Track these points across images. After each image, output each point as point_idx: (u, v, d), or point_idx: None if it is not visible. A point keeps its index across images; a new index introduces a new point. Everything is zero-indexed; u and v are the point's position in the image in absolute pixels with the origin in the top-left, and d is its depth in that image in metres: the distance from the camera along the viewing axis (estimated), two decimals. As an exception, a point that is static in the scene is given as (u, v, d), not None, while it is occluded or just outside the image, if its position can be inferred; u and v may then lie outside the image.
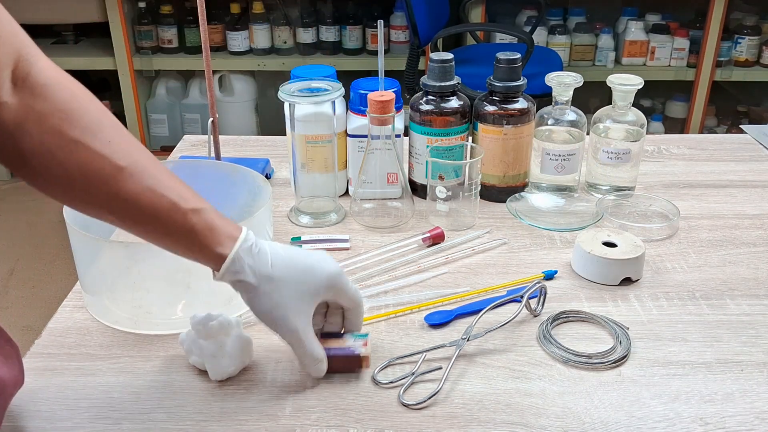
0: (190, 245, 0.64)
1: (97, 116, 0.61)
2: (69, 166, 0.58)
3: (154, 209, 0.61)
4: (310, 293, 0.68)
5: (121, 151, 0.60)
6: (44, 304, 2.12)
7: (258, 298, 0.66)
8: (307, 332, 0.68)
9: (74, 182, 0.59)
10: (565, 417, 0.66)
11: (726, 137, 1.36)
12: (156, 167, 0.62)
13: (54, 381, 0.71)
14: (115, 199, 0.60)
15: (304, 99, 0.94)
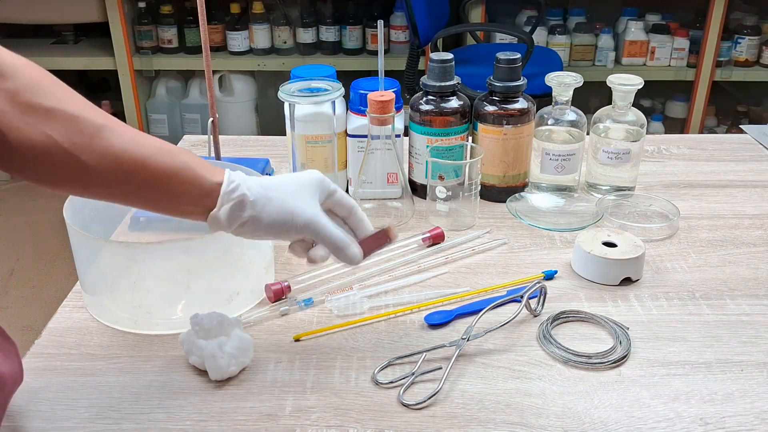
0: (180, 185, 0.63)
1: (65, 90, 0.61)
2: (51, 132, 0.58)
3: (142, 157, 0.61)
4: (308, 188, 0.69)
5: (96, 114, 0.61)
6: (44, 304, 2.12)
7: (261, 209, 0.65)
8: (323, 218, 0.68)
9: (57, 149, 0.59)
10: (565, 417, 0.66)
11: (726, 137, 1.36)
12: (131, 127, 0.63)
13: (54, 381, 0.71)
14: (101, 157, 0.60)
15: (304, 99, 0.94)
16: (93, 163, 0.60)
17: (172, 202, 0.65)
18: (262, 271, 0.84)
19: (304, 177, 0.70)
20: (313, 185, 0.69)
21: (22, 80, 0.59)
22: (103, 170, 0.61)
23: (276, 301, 0.83)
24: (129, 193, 0.64)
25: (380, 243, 0.73)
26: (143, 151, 0.61)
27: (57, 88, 0.61)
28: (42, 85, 0.60)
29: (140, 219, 0.95)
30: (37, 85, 0.59)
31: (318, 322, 0.80)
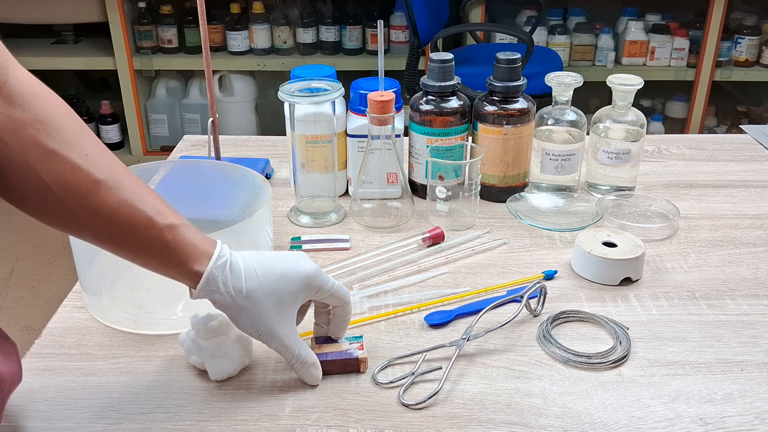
0: (166, 262, 0.63)
1: (75, 128, 0.60)
2: (46, 178, 0.58)
3: (131, 224, 0.60)
4: (288, 300, 0.67)
5: (98, 164, 0.59)
6: (44, 304, 2.12)
7: (237, 314, 0.65)
8: (292, 338, 0.67)
9: (50, 195, 0.58)
10: (565, 417, 0.66)
11: (726, 137, 1.36)
12: (133, 182, 0.62)
13: (54, 381, 0.71)
14: (91, 213, 0.59)
15: (304, 99, 0.94)
16: (78, 218, 0.60)
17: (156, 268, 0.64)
18: (262, 271, 0.84)
19: (290, 280, 0.66)
20: (297, 291, 0.67)
21: (32, 113, 0.58)
22: (87, 226, 0.61)
23: (276, 301, 0.83)
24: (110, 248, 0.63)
25: (348, 370, 0.72)
26: (133, 218, 0.60)
27: (66, 127, 0.59)
28: (52, 123, 0.58)
29: (140, 219, 0.95)
30: (46, 122, 0.58)
31: (318, 322, 0.80)
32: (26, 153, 0.57)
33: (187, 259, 0.63)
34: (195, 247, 0.63)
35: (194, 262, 0.63)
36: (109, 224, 0.60)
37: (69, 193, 0.58)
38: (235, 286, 0.64)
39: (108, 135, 2.96)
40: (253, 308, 0.65)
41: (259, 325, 0.65)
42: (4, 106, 0.57)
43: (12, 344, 0.64)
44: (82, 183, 0.58)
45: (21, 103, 0.57)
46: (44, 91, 0.60)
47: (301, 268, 0.67)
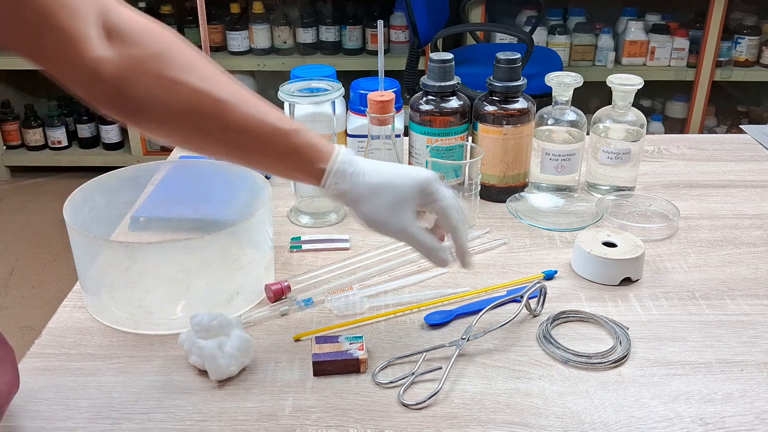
0: (294, 163, 0.69)
1: (189, 56, 0.64)
2: (174, 106, 0.62)
3: (258, 134, 0.66)
4: (405, 195, 0.70)
5: (218, 85, 0.64)
6: (44, 304, 2.12)
7: (359, 205, 0.70)
8: (413, 228, 0.71)
9: (179, 120, 0.64)
10: (565, 417, 0.66)
11: (726, 137, 1.36)
12: (251, 96, 0.66)
13: (54, 381, 0.71)
14: (220, 131, 0.65)
15: (304, 99, 0.94)
16: (213, 135, 0.65)
17: (285, 175, 0.72)
18: (262, 271, 0.84)
19: (406, 185, 0.71)
20: (411, 191, 0.71)
21: (146, 48, 0.61)
22: (220, 142, 0.66)
23: (276, 301, 0.83)
24: (240, 159, 0.70)
25: (348, 371, 0.72)
26: (259, 129, 0.66)
27: (181, 56, 0.63)
28: (167, 54, 0.62)
29: (140, 219, 0.95)
30: (161, 54, 0.62)
31: (318, 322, 0.80)
32: (150, 86, 0.61)
33: (312, 159, 0.69)
34: (318, 147, 0.69)
35: (319, 160, 0.69)
36: (238, 138, 0.66)
37: (197, 115, 0.63)
38: (357, 179, 0.69)
39: (108, 135, 2.96)
40: (374, 198, 0.70)
41: (378, 215, 0.70)
42: (120, 46, 0.60)
43: (8, 351, 0.64)
44: (208, 104, 0.63)
45: (134, 40, 0.61)
46: (153, 25, 0.64)
47: (418, 171, 0.72)
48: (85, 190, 0.84)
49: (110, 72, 0.60)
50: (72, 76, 0.60)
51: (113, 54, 0.60)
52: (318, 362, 0.71)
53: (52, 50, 0.58)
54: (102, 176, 0.87)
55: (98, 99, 0.62)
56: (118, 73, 0.60)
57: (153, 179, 0.96)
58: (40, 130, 2.93)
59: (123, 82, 0.60)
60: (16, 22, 0.55)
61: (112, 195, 0.89)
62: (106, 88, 0.60)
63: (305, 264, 0.91)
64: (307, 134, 0.69)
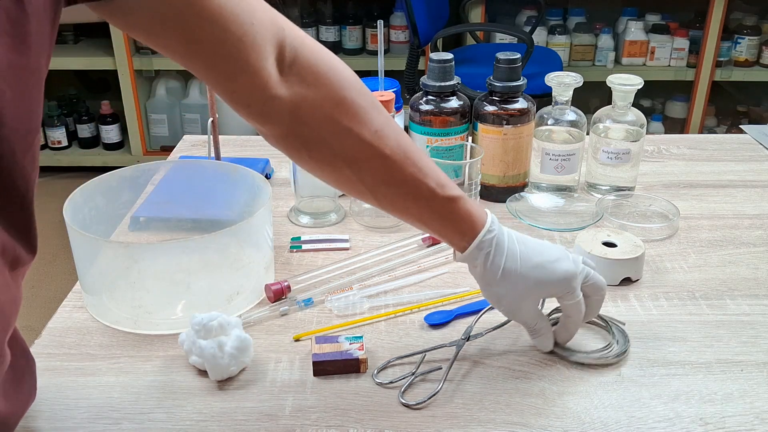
0: (443, 230, 0.69)
1: (364, 104, 0.64)
2: (339, 153, 0.64)
3: (415, 195, 0.66)
4: (538, 290, 0.70)
5: (387, 140, 0.64)
6: (44, 304, 2.11)
7: (486, 287, 0.69)
8: (533, 318, 0.71)
9: (343, 167, 0.65)
10: (565, 417, 0.66)
11: (726, 137, 1.36)
12: (417, 156, 0.66)
13: (54, 381, 0.71)
14: (380, 185, 0.66)
15: (304, 99, 0.94)
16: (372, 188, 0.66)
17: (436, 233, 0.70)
18: (262, 271, 0.84)
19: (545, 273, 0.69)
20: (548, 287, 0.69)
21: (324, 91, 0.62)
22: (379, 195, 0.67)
23: (276, 301, 0.83)
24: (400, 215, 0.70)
25: (347, 369, 0.72)
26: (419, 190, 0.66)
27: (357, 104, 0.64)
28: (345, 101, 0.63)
29: (140, 219, 0.95)
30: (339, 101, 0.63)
31: (318, 322, 0.80)
32: (322, 129, 0.63)
33: (463, 231, 0.68)
34: (469, 219, 0.68)
35: (466, 234, 0.68)
36: (396, 194, 0.67)
37: (361, 167, 0.65)
38: (495, 263, 0.68)
39: (108, 135, 2.96)
40: (501, 288, 0.69)
41: (504, 303, 0.70)
42: (298, 86, 0.61)
43: (31, 361, 0.64)
44: (373, 159, 0.64)
45: (314, 81, 0.62)
46: (334, 63, 0.64)
47: (561, 267, 0.69)
48: (85, 190, 0.84)
49: (285, 112, 0.61)
50: (251, 112, 0.62)
51: (286, 92, 0.61)
52: (318, 362, 0.71)
53: (239, 87, 0.59)
54: (102, 176, 0.87)
55: (272, 135, 0.64)
56: (292, 113, 0.61)
57: (153, 179, 0.96)
58: (40, 130, 2.93)
59: (296, 122, 0.62)
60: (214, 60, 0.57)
61: (112, 195, 0.89)
62: (280, 126, 0.62)
63: (305, 264, 0.91)
64: (464, 205, 0.67)
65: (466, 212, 0.67)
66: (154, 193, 0.96)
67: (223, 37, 0.56)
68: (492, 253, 0.67)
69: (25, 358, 0.63)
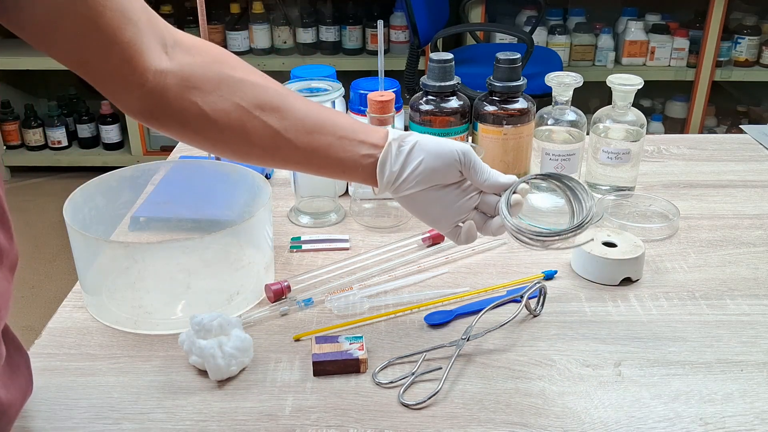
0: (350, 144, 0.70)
1: (244, 63, 0.69)
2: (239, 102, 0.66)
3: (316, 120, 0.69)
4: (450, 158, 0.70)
5: (275, 83, 0.69)
6: (44, 304, 2.12)
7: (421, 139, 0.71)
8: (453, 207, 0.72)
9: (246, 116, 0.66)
10: (565, 417, 0.66)
11: (726, 137, 1.36)
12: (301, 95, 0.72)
13: (54, 381, 0.71)
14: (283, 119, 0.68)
15: (304, 99, 0.94)
16: (273, 128, 0.67)
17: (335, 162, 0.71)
18: (262, 271, 0.84)
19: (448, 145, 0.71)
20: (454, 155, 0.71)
21: (207, 56, 0.66)
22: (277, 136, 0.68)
23: (276, 301, 0.83)
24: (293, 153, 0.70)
25: (347, 369, 0.72)
26: (319, 116, 0.69)
27: (240, 62, 0.69)
28: (230, 60, 0.68)
29: (140, 219, 0.95)
30: (223, 60, 0.67)
31: (318, 322, 0.80)
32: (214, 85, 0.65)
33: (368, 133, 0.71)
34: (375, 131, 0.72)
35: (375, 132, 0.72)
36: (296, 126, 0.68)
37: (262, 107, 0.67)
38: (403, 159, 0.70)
39: (108, 135, 2.96)
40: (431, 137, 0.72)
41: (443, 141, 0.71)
42: (180, 57, 0.65)
43: (24, 356, 0.64)
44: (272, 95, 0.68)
45: (197, 52, 0.67)
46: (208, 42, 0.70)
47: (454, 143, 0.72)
48: (85, 190, 0.84)
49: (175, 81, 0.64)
50: (132, 90, 0.63)
51: (175, 64, 0.64)
52: (318, 362, 0.71)
53: (116, 66, 0.61)
54: (102, 176, 0.87)
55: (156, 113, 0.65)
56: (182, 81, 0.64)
57: (153, 179, 0.96)
58: (40, 130, 2.93)
59: (185, 88, 0.64)
60: (83, 39, 0.58)
61: (112, 195, 0.89)
62: (168, 98, 0.64)
63: (305, 264, 0.91)
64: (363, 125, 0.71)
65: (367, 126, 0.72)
66: (154, 193, 0.96)
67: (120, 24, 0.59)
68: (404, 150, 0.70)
69: (18, 353, 0.63)
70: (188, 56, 0.65)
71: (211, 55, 0.67)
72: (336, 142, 0.69)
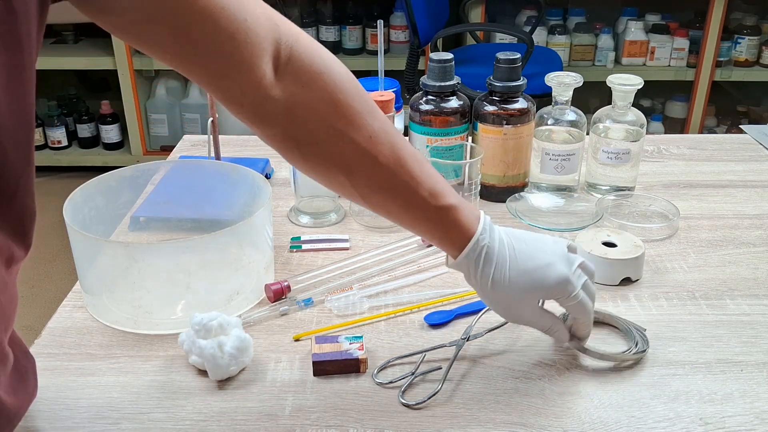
0: (436, 238, 0.68)
1: (360, 108, 0.63)
2: (332, 155, 0.63)
3: (407, 203, 0.66)
4: (531, 297, 0.68)
5: (380, 145, 0.63)
6: (44, 304, 2.12)
7: (483, 296, 0.69)
8: (535, 317, 0.70)
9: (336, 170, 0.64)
10: (565, 417, 0.66)
11: (726, 137, 1.36)
12: (413, 163, 0.65)
13: (54, 381, 0.71)
14: (373, 191, 0.66)
15: (304, 99, 0.94)
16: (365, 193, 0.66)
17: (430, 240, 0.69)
18: (262, 271, 0.84)
19: (537, 281, 0.67)
20: (539, 293, 0.68)
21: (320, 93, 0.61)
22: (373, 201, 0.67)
23: (276, 301, 0.83)
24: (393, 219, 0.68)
25: (347, 369, 0.72)
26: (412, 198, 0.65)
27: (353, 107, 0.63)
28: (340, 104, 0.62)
29: (140, 219, 0.95)
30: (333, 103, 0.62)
31: (318, 322, 0.80)
32: (317, 132, 0.62)
33: (453, 240, 0.67)
34: (459, 230, 0.67)
35: (456, 243, 0.67)
36: (387, 200, 0.66)
37: (352, 172, 0.64)
38: (484, 272, 0.67)
39: (108, 135, 2.96)
40: (494, 296, 0.68)
41: (500, 309, 0.70)
42: (293, 86, 0.60)
43: (31, 361, 0.64)
44: (366, 164, 0.64)
45: (309, 82, 0.61)
46: (331, 62, 0.63)
47: (553, 273, 0.67)
48: (85, 190, 0.84)
49: (280, 112, 0.60)
50: (246, 111, 0.61)
51: (280, 92, 0.60)
52: (318, 362, 0.71)
53: (233, 85, 0.58)
54: (102, 176, 0.87)
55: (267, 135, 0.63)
56: (286, 113, 0.60)
57: (153, 179, 0.96)
58: (39, 130, 2.93)
59: (287, 120, 0.61)
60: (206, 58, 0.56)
61: (112, 195, 0.89)
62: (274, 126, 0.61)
63: (305, 264, 0.91)
64: (457, 215, 0.66)
65: (456, 221, 0.66)
66: (154, 193, 0.96)
67: (215, 33, 0.55)
68: (481, 262, 0.66)
69: (26, 357, 0.63)
70: (302, 86, 0.61)
71: (328, 90, 0.61)
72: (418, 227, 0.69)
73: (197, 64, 0.57)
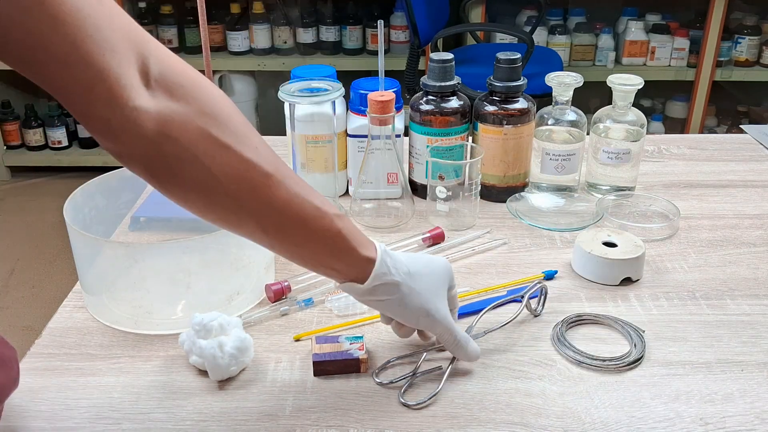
0: (336, 250, 0.64)
1: (237, 121, 0.58)
2: (216, 172, 0.56)
3: (301, 215, 0.61)
4: (439, 282, 0.70)
5: (266, 158, 0.59)
6: (44, 304, 2.12)
7: (406, 296, 0.67)
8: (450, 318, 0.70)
9: (220, 189, 0.57)
10: (565, 417, 0.66)
11: (726, 137, 1.36)
12: (295, 175, 0.62)
13: (54, 381, 0.71)
14: (263, 206, 0.59)
15: (304, 99, 0.94)
16: (249, 211, 0.59)
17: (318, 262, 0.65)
18: (262, 271, 0.84)
19: (441, 271, 0.70)
20: (445, 280, 0.71)
21: (196, 105, 0.56)
22: (258, 219, 0.60)
23: (276, 301, 0.83)
24: (277, 240, 0.63)
25: (347, 369, 0.72)
26: (304, 209, 0.61)
27: (233, 120, 0.58)
28: (219, 116, 0.57)
29: (140, 219, 0.95)
30: (213, 115, 0.56)
31: (318, 322, 0.80)
32: (195, 147, 0.55)
33: (357, 245, 0.64)
34: (361, 235, 0.65)
35: (364, 248, 0.65)
36: (281, 216, 0.60)
37: (241, 187, 0.58)
38: (400, 268, 0.66)
39: (108, 135, 2.96)
40: (418, 287, 0.67)
41: (429, 304, 0.68)
42: (166, 100, 0.54)
43: (12, 350, 0.64)
44: (255, 177, 0.58)
45: (183, 95, 0.55)
46: (202, 80, 0.58)
47: (445, 266, 0.71)
48: (86, 190, 0.84)
49: (148, 125, 0.53)
50: (108, 126, 0.53)
51: (154, 105, 0.53)
52: (318, 362, 0.71)
53: (94, 97, 0.52)
54: (102, 176, 0.87)
55: (131, 155, 0.55)
56: (157, 127, 0.53)
57: (153, 179, 0.96)
58: (40, 130, 2.93)
59: (163, 138, 0.54)
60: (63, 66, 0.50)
61: (112, 195, 0.89)
62: (143, 143, 0.53)
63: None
64: (350, 222, 0.65)
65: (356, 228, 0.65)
66: (155, 193, 0.96)
67: (76, 39, 0.49)
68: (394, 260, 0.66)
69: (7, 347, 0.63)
70: (176, 100, 0.55)
71: (204, 104, 0.56)
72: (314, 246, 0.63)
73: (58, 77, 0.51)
